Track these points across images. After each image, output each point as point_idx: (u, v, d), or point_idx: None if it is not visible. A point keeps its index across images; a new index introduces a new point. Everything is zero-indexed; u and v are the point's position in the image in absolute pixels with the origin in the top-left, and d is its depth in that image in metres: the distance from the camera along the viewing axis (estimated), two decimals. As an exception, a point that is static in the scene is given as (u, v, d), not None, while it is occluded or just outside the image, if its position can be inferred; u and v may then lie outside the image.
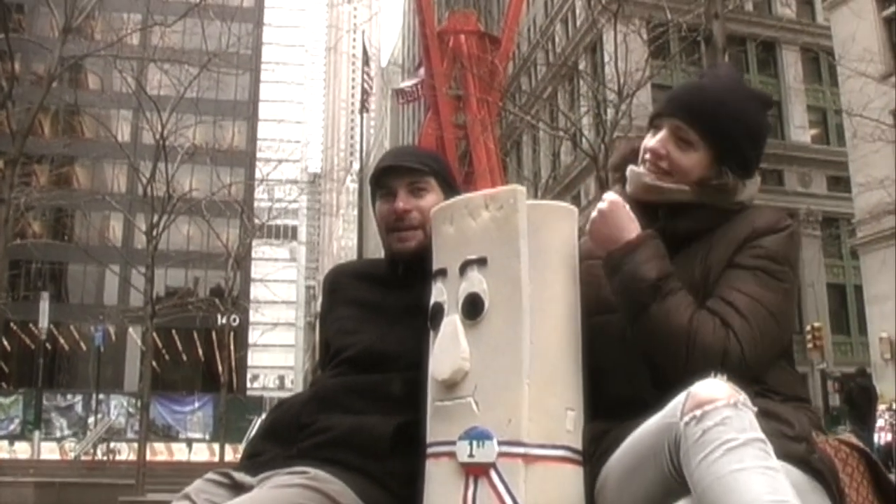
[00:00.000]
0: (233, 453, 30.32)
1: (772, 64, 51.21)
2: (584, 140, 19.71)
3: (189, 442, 40.73)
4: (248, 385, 75.63)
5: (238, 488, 2.55)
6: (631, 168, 2.65)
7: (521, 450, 2.27)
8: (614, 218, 2.49)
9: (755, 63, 49.95)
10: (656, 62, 22.52)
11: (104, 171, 55.11)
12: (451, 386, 2.41)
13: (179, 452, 37.06)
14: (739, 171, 2.58)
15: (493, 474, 2.27)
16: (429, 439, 2.47)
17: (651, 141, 2.60)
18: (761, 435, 2.01)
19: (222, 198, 28.84)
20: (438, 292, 2.55)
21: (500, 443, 2.28)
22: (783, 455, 2.06)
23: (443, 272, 2.56)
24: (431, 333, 2.55)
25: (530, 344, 2.36)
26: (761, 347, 2.34)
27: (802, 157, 48.66)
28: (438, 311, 2.53)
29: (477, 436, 2.31)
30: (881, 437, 22.79)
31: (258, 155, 46.85)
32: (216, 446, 31.33)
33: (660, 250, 2.46)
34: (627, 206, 2.52)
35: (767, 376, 2.40)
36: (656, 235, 2.48)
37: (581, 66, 36.65)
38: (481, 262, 2.46)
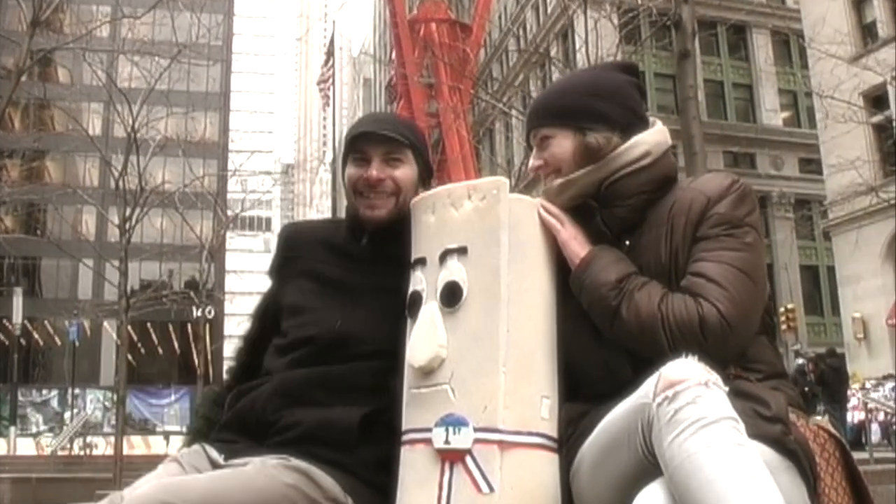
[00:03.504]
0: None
1: (742, 47, 51.40)
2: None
3: (166, 435, 40.53)
4: (225, 376, 75.22)
5: (216, 467, 2.57)
6: (544, 189, 2.70)
7: (496, 436, 2.30)
8: (562, 242, 2.57)
9: (726, 47, 50.15)
10: (627, 48, 22.58)
11: (76, 164, 54.77)
12: (427, 373, 2.43)
13: (157, 445, 36.93)
14: (606, 128, 2.60)
15: (468, 460, 2.29)
16: (405, 426, 2.48)
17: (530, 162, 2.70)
18: (733, 413, 2.03)
19: (195, 190, 28.71)
20: (417, 281, 2.57)
21: (476, 429, 2.30)
22: (757, 435, 2.08)
23: (422, 261, 2.57)
24: (409, 322, 2.55)
25: (507, 333, 2.39)
26: (741, 306, 2.35)
27: (774, 140, 48.94)
28: (417, 299, 2.54)
29: (453, 422, 2.33)
30: (854, 417, 23.03)
31: (230, 146, 46.69)
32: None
33: (614, 255, 2.50)
34: (566, 223, 2.58)
35: (749, 351, 2.43)
36: (606, 246, 2.53)
37: (552, 53, 36.68)
38: (461, 251, 2.48)
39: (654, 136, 2.65)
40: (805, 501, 2.16)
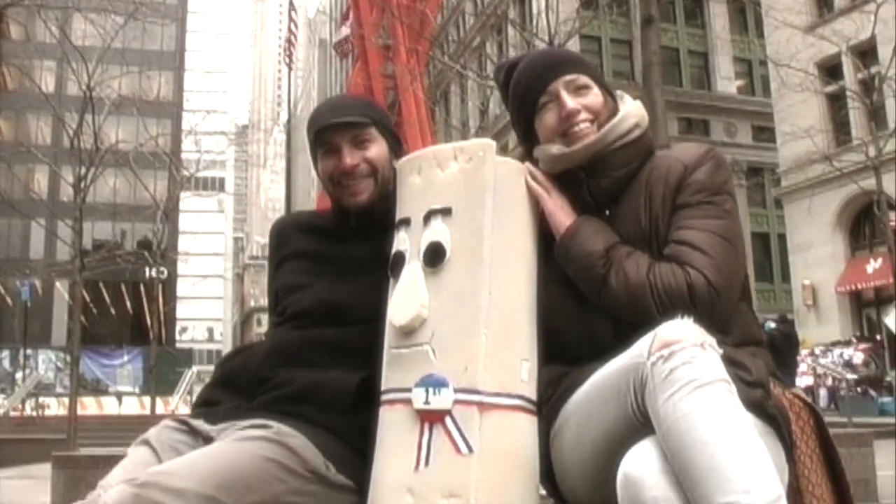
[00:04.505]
0: (163, 406, 30.10)
1: (699, 15, 51.46)
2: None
3: (119, 395, 40.18)
4: (178, 337, 75.03)
5: (196, 434, 2.57)
6: (539, 149, 2.69)
7: (476, 398, 2.31)
8: (547, 211, 2.59)
9: (682, 14, 50.21)
10: (586, 13, 22.60)
11: (27, 122, 53.97)
12: (408, 333, 2.43)
13: (109, 406, 36.54)
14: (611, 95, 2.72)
15: (448, 421, 2.30)
16: (385, 386, 2.49)
17: (564, 108, 2.63)
18: (727, 376, 2.06)
19: (150, 149, 28.41)
20: (400, 241, 2.57)
21: (457, 390, 2.31)
22: (739, 399, 2.10)
23: (406, 221, 2.57)
24: (391, 281, 2.56)
25: (489, 294, 2.40)
26: (726, 272, 2.41)
27: (728, 107, 49.11)
28: (399, 259, 2.54)
29: (433, 383, 2.33)
30: (803, 382, 23.38)
31: (185, 106, 46.20)
32: (146, 399, 31.01)
33: (598, 224, 2.54)
34: (552, 192, 2.60)
35: (735, 315, 2.48)
36: (590, 216, 2.56)
37: (510, 16, 36.59)
38: (446, 211, 2.49)
39: (639, 110, 2.71)
40: (783, 466, 2.20)
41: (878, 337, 27.72)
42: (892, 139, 20.23)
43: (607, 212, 2.61)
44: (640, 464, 2.03)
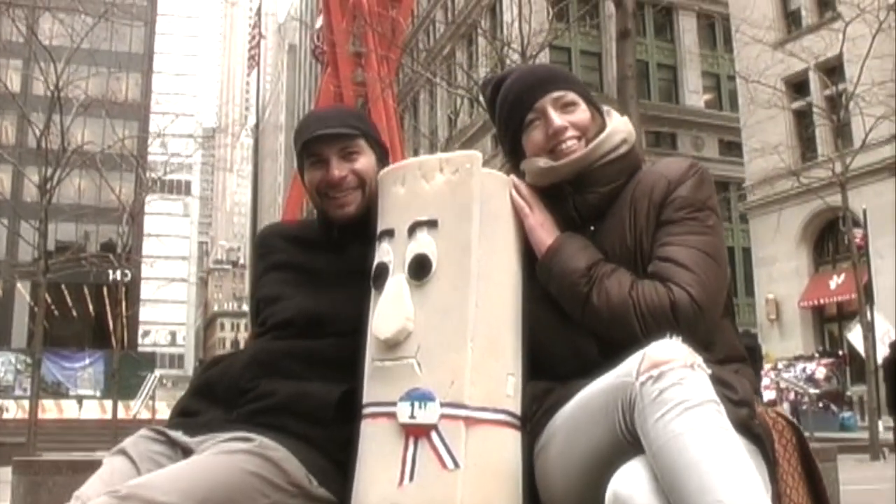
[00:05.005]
0: (125, 411, 29.87)
1: (668, 29, 51.88)
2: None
3: (80, 399, 39.82)
4: (140, 341, 74.58)
5: (174, 446, 2.53)
6: (526, 162, 2.67)
7: (462, 412, 2.28)
8: (528, 228, 2.57)
9: (652, 27, 50.56)
10: (558, 25, 22.69)
11: (-10, 122, 53.53)
12: (392, 346, 2.40)
13: (70, 409, 36.22)
14: (599, 113, 2.71)
15: (433, 436, 2.27)
16: (367, 399, 2.46)
17: (550, 125, 2.61)
18: (715, 397, 2.05)
19: (116, 151, 28.24)
20: (384, 252, 2.54)
21: (443, 404, 2.28)
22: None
23: (390, 233, 2.54)
24: (374, 293, 2.54)
25: (475, 308, 2.37)
26: (709, 289, 2.39)
27: (696, 121, 49.50)
28: (383, 271, 2.51)
29: (419, 397, 2.31)
30: (765, 396, 23.52)
31: (153, 108, 45.96)
32: (108, 403, 30.78)
33: (581, 242, 2.52)
34: (535, 208, 2.58)
35: (719, 332, 2.47)
36: (572, 233, 2.55)
37: (479, 26, 36.68)
38: (431, 223, 2.46)
39: (627, 126, 2.69)
40: (766, 485, 2.17)
41: (841, 352, 27.94)
42: (858, 156, 20.43)
43: (592, 227, 2.59)
44: (630, 483, 2.01)
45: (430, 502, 2.23)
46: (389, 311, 2.43)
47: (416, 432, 2.30)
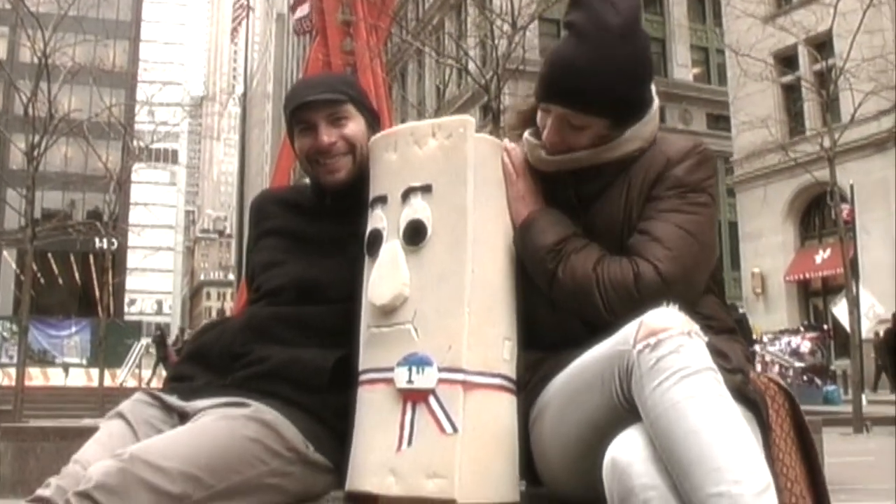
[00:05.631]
0: (111, 378, 29.85)
1: (658, 2, 51.71)
2: (473, 69, 19.77)
3: (66, 367, 39.74)
4: (126, 309, 74.39)
5: (170, 410, 2.54)
6: (527, 138, 2.63)
7: (460, 376, 2.29)
8: (509, 198, 2.54)
9: (642, 1, 50.42)
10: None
11: (-25, 88, 53.20)
12: (389, 312, 2.40)
13: (56, 377, 36.15)
14: (631, 120, 2.53)
15: (431, 400, 2.28)
16: (364, 366, 2.46)
17: (545, 131, 2.55)
18: (713, 364, 2.05)
19: (103, 119, 28.06)
20: (377, 219, 2.53)
21: (441, 369, 2.29)
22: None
23: (382, 199, 2.54)
24: (368, 260, 2.53)
25: (472, 273, 2.37)
26: (681, 265, 2.36)
27: (684, 94, 49.42)
28: (377, 237, 2.51)
29: (416, 362, 2.31)
30: (750, 369, 23.62)
31: (141, 76, 45.63)
32: (94, 371, 30.73)
33: (554, 217, 2.50)
34: (520, 177, 2.55)
35: (702, 307, 2.45)
36: (548, 209, 2.51)
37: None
38: (426, 189, 2.45)
39: (649, 129, 2.58)
40: (761, 450, 2.22)
41: (826, 326, 28.05)
42: (846, 131, 20.45)
43: (589, 206, 2.57)
44: (629, 450, 2.02)
45: (428, 466, 2.24)
46: (385, 277, 2.43)
47: (413, 397, 2.31)
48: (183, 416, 2.51)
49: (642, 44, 2.52)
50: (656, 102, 2.62)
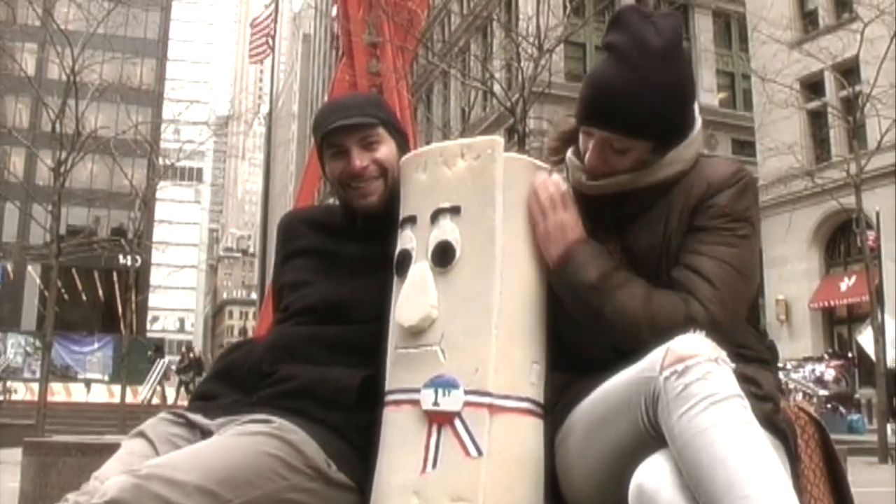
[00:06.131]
0: (132, 395, 29.94)
1: (685, 27, 51.71)
2: (499, 92, 19.79)
3: (88, 382, 39.90)
4: (149, 327, 74.74)
5: (193, 428, 2.53)
6: (570, 159, 2.61)
7: (486, 399, 2.27)
8: (539, 236, 2.47)
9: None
10: (574, 20, 22.64)
11: (4, 105, 53.57)
12: (416, 333, 2.39)
13: (77, 393, 36.31)
14: (674, 142, 2.48)
15: (457, 423, 2.26)
16: (390, 386, 2.45)
17: (586, 154, 2.50)
18: (740, 391, 2.02)
19: (130, 137, 28.27)
20: (406, 239, 2.52)
21: (467, 392, 2.27)
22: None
23: (412, 219, 2.53)
24: (396, 280, 2.52)
25: (499, 295, 2.36)
26: (730, 305, 2.33)
27: (709, 119, 49.21)
28: (406, 257, 2.50)
29: (443, 384, 2.30)
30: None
31: (167, 95, 45.99)
32: (115, 387, 30.85)
33: (593, 251, 2.43)
34: (549, 214, 2.45)
35: (736, 335, 2.39)
36: (584, 242, 2.44)
37: (496, 20, 36.66)
38: (454, 210, 2.44)
39: (691, 151, 2.53)
40: (789, 480, 2.18)
41: (850, 354, 27.86)
42: (873, 158, 20.34)
43: (627, 228, 2.53)
44: (656, 477, 2.00)
45: (452, 489, 2.22)
46: (413, 298, 2.42)
47: (439, 419, 2.29)
48: (206, 434, 2.50)
49: (684, 64, 2.48)
50: (699, 124, 2.56)
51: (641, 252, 2.47)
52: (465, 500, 2.20)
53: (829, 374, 26.08)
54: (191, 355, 36.91)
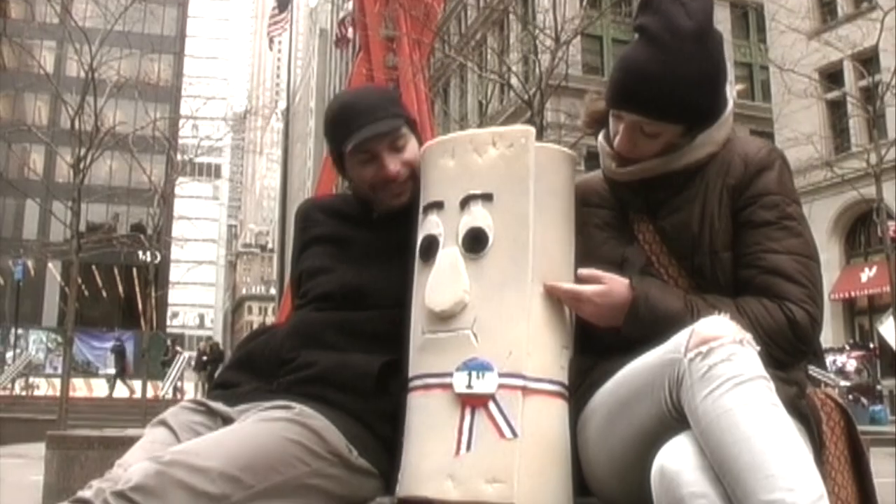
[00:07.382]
0: (153, 390, 30.03)
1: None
2: (516, 84, 19.80)
3: (108, 378, 40.08)
4: (168, 322, 74.97)
5: (214, 416, 2.54)
6: (601, 144, 2.61)
7: (520, 382, 2.29)
8: (588, 315, 2.43)
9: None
10: (591, 12, 22.61)
11: (23, 102, 53.81)
12: (447, 318, 2.40)
13: (98, 388, 36.42)
14: (706, 125, 2.47)
15: (491, 405, 2.28)
16: (416, 371, 2.45)
17: (616, 137, 2.49)
18: (765, 373, 2.03)
19: (148, 133, 28.37)
20: (432, 224, 2.53)
21: (501, 374, 2.28)
22: None
23: (439, 204, 2.53)
24: (420, 265, 2.53)
25: (531, 282, 2.37)
26: (818, 296, 2.35)
27: (728, 111, 49.13)
28: (432, 243, 2.50)
29: (477, 367, 2.31)
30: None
31: (185, 91, 46.10)
32: (136, 383, 30.97)
33: (655, 283, 2.42)
34: (583, 297, 2.41)
35: None
36: (642, 283, 2.39)
37: (512, 13, 36.64)
38: (486, 197, 2.45)
39: (721, 133, 2.52)
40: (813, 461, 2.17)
41: (872, 345, 27.74)
42: (893, 147, 20.23)
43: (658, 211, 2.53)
44: (678, 458, 2.00)
45: (487, 471, 2.23)
46: (444, 283, 2.43)
47: (473, 402, 2.30)
48: (227, 421, 2.51)
49: (716, 46, 2.43)
50: (730, 106, 2.54)
51: (674, 233, 2.47)
52: (501, 482, 2.21)
53: (851, 365, 25.96)
54: (208, 349, 36.94)
